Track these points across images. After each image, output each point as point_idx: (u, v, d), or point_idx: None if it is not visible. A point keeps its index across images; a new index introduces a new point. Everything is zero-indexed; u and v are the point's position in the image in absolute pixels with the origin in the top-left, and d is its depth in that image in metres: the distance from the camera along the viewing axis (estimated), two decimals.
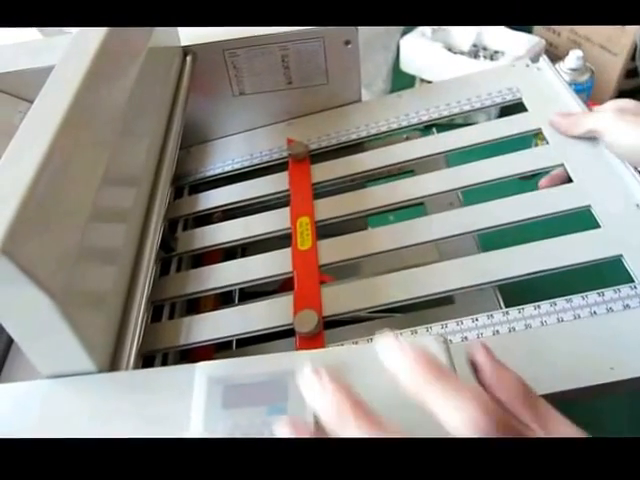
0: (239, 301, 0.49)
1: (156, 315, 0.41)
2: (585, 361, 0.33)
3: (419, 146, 0.49)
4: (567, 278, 0.37)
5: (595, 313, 0.34)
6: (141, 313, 0.33)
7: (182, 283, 0.43)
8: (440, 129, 0.52)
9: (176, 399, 0.27)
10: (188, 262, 0.47)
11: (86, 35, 0.34)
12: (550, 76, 0.51)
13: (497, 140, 0.47)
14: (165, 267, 0.45)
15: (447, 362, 0.25)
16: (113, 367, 0.30)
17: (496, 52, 0.88)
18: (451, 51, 0.86)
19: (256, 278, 0.42)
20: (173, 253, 0.45)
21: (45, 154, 0.25)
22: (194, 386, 0.26)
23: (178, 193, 0.52)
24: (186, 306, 0.45)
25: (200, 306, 0.45)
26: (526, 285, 0.37)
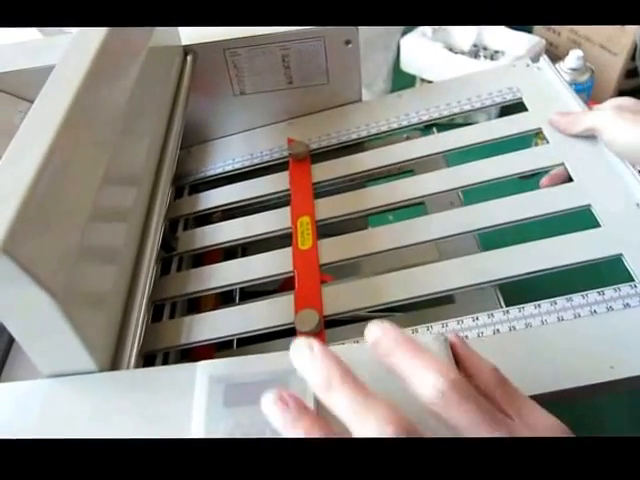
0: (240, 301, 0.49)
1: (157, 314, 0.41)
2: (585, 360, 0.33)
3: (419, 146, 0.49)
4: (567, 277, 0.37)
5: (595, 312, 0.34)
6: (142, 312, 0.33)
7: (183, 283, 0.43)
8: (440, 129, 0.51)
9: (177, 398, 0.27)
10: (189, 262, 0.47)
11: (86, 35, 0.34)
12: (550, 76, 0.51)
13: (497, 140, 0.47)
14: (166, 266, 0.45)
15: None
16: (114, 366, 0.30)
17: (496, 52, 0.88)
18: (451, 51, 0.86)
19: (257, 277, 0.42)
20: (174, 253, 0.45)
21: (46, 154, 0.26)
22: (195, 385, 0.26)
23: (178, 193, 0.52)
24: (187, 306, 0.45)
25: (201, 306, 0.45)
26: (526, 284, 0.37)
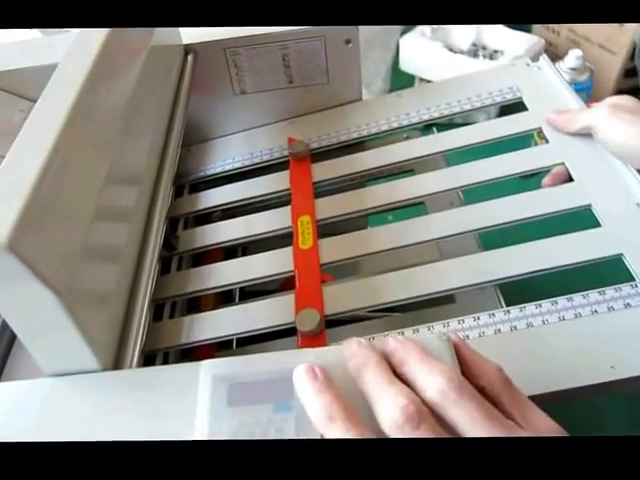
0: (240, 300, 0.49)
1: (157, 314, 0.41)
2: (586, 359, 0.33)
3: (419, 145, 0.49)
4: (568, 277, 0.37)
5: (596, 312, 0.35)
6: (144, 311, 0.33)
7: (183, 282, 0.43)
8: (440, 128, 0.52)
9: (180, 397, 0.27)
10: (189, 261, 0.47)
11: (88, 35, 0.34)
12: (550, 75, 0.51)
13: (497, 139, 0.47)
14: (166, 266, 0.45)
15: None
16: (116, 366, 0.30)
17: (495, 51, 0.88)
18: (450, 50, 0.86)
19: (257, 277, 0.42)
20: (174, 252, 0.45)
21: (49, 153, 0.26)
22: (199, 384, 0.26)
23: (179, 192, 0.52)
24: (187, 305, 0.45)
25: (201, 305, 0.45)
26: (527, 284, 0.37)
